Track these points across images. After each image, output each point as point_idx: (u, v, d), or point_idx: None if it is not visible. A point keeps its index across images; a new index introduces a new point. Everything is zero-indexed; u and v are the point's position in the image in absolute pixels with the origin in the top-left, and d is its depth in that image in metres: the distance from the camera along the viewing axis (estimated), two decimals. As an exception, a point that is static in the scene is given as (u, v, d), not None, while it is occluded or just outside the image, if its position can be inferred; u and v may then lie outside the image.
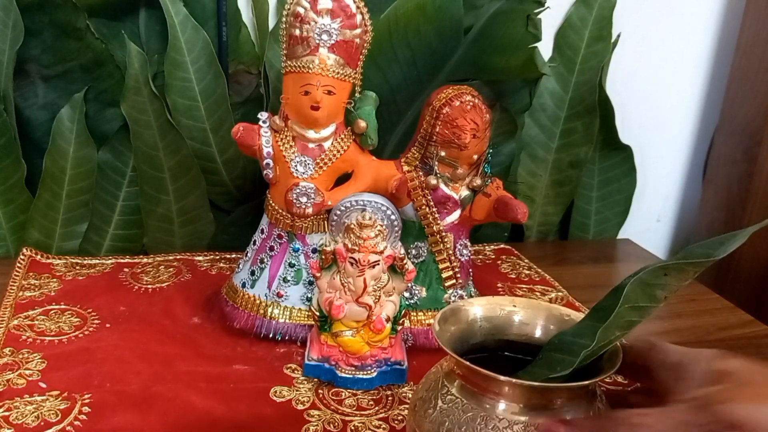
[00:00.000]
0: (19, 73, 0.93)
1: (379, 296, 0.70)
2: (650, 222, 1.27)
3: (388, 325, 0.71)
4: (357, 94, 0.77)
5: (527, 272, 1.04)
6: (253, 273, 0.81)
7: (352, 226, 0.68)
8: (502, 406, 0.47)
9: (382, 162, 0.81)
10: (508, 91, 1.09)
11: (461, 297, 0.81)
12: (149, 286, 0.92)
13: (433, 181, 0.77)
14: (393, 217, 0.69)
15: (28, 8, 0.90)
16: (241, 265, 0.84)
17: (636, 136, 1.17)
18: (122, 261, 0.99)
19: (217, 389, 0.71)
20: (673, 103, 1.21)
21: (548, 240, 1.20)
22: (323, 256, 0.70)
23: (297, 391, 0.72)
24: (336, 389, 0.72)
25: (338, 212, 0.70)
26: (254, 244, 0.83)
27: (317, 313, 0.71)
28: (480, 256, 1.08)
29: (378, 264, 0.69)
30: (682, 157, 1.25)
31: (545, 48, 1.08)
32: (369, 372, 0.72)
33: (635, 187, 1.19)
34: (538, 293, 0.97)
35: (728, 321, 0.94)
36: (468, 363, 0.47)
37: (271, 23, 0.99)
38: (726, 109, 1.16)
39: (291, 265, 0.80)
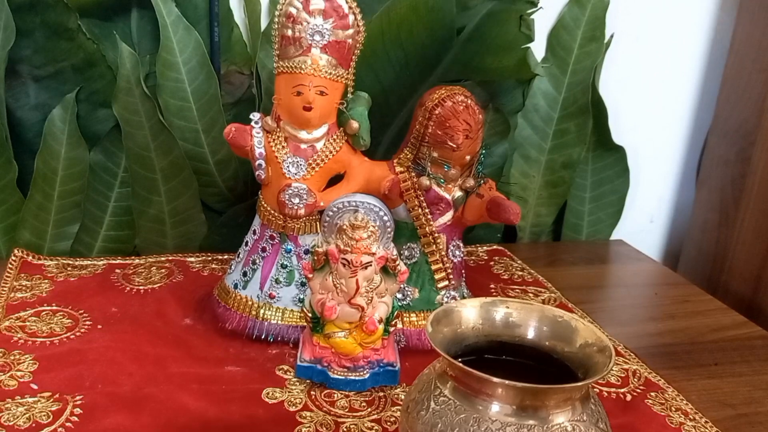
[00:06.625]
0: (11, 73, 0.93)
1: (372, 297, 0.69)
2: (643, 223, 1.27)
3: (381, 327, 0.70)
4: (349, 95, 0.77)
5: (520, 273, 1.04)
6: (245, 274, 0.81)
7: (345, 227, 0.68)
8: (494, 407, 0.47)
9: (374, 163, 0.80)
10: (501, 91, 1.08)
11: (454, 298, 0.81)
12: (141, 288, 0.92)
13: (425, 182, 0.77)
14: (385, 218, 0.69)
15: (19, 9, 0.90)
16: (233, 266, 0.84)
17: (629, 137, 1.17)
18: (114, 262, 0.99)
19: (209, 390, 0.71)
20: (667, 104, 1.21)
21: (541, 241, 1.20)
22: (315, 257, 0.70)
23: (289, 392, 0.71)
24: (328, 390, 0.72)
25: (330, 213, 0.69)
26: (246, 245, 0.82)
27: (309, 315, 0.71)
28: (473, 257, 1.08)
29: (370, 265, 0.68)
30: (676, 158, 1.25)
31: (538, 48, 1.08)
32: (361, 373, 0.72)
33: (628, 188, 1.19)
34: (531, 294, 0.97)
35: (721, 322, 0.94)
36: (461, 365, 0.47)
37: (263, 23, 0.98)
38: (719, 110, 1.16)
39: (283, 267, 0.80)
